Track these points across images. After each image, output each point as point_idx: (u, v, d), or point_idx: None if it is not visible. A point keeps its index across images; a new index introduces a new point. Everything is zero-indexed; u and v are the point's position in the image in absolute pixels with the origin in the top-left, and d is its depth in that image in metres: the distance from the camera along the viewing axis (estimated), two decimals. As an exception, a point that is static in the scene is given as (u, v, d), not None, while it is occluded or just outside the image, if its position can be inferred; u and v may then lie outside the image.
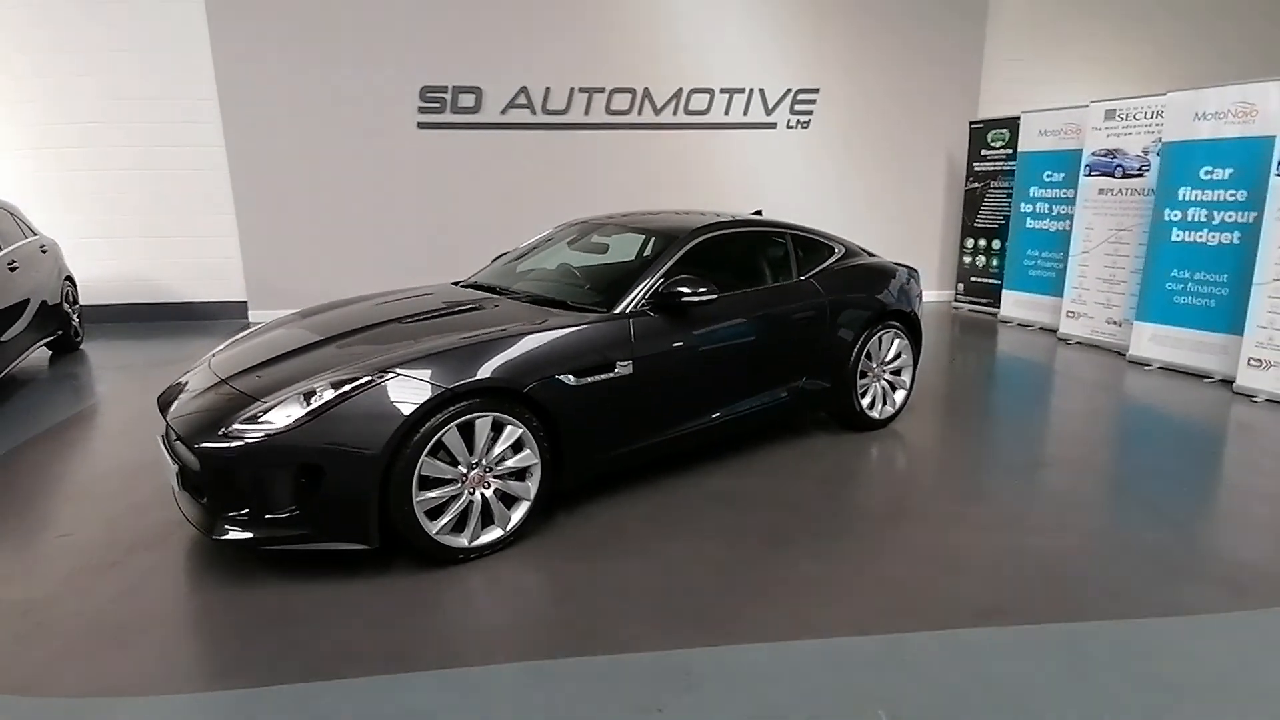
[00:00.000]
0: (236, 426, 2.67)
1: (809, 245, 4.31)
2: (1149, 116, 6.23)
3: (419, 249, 7.80)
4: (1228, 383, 5.40)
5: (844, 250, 4.46)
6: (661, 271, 3.50)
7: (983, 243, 8.33)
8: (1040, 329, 7.47)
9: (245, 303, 7.98)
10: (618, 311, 3.33)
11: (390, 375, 2.74)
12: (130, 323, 7.86)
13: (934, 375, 5.88)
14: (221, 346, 3.53)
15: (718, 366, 3.67)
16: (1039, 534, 3.22)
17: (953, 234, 8.82)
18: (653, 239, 3.91)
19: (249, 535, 2.70)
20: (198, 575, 2.88)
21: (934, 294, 9.07)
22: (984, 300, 8.31)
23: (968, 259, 8.51)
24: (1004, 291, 7.88)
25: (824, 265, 4.27)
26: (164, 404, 3.08)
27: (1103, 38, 8.92)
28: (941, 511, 3.52)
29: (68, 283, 6.55)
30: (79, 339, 6.76)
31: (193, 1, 7.17)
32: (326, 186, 7.73)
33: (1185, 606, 2.67)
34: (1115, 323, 6.61)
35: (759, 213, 4.81)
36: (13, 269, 5.31)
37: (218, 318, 7.95)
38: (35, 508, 3.54)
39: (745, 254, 4.12)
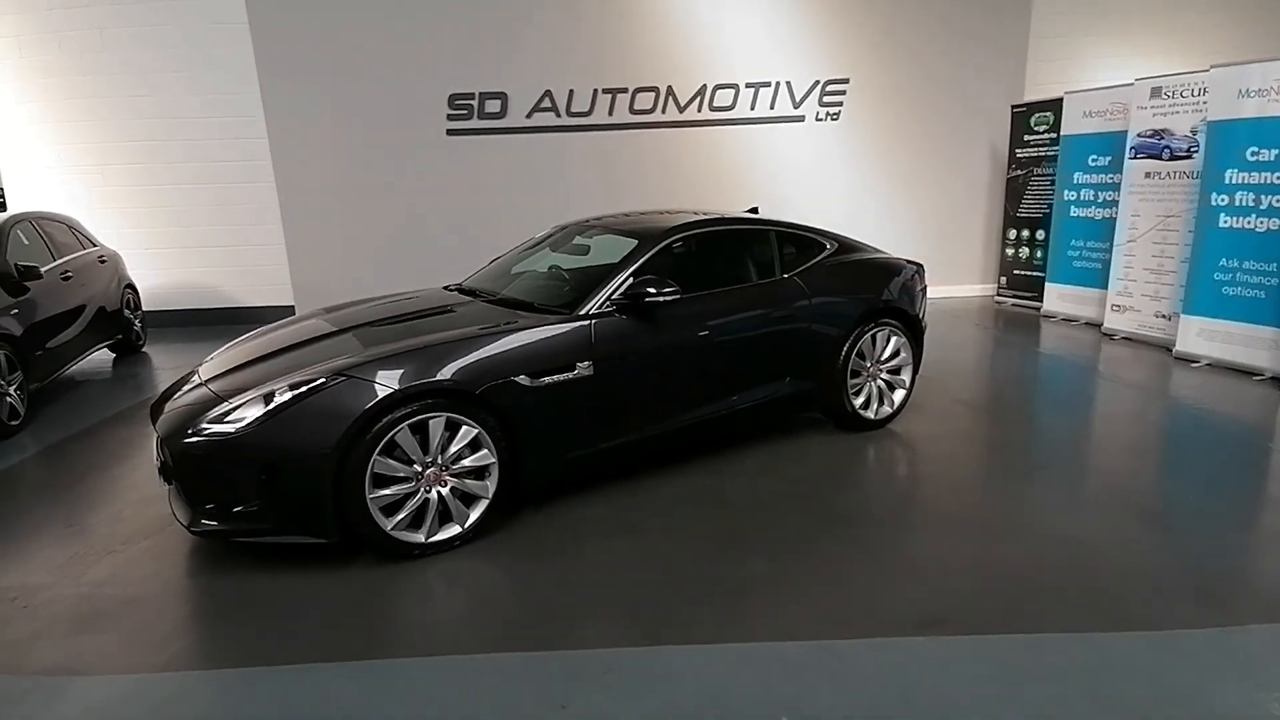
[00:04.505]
0: (205, 425, 2.85)
1: (797, 242, 4.23)
2: (1196, 93, 5.80)
3: (451, 251, 7.96)
4: (1278, 380, 4.99)
5: (837, 246, 4.34)
6: (627, 273, 3.50)
7: (1026, 233, 7.94)
8: (1085, 324, 7.06)
9: (293, 306, 8.39)
10: (579, 313, 3.36)
11: (343, 378, 2.87)
12: (191, 327, 8.40)
13: (957, 375, 5.64)
14: (218, 351, 3.75)
15: (688, 368, 3.65)
16: (1014, 541, 3.08)
17: (995, 225, 8.43)
18: (633, 240, 3.91)
19: (221, 527, 2.88)
20: (180, 564, 3.08)
21: (977, 288, 8.73)
22: (1027, 294, 7.92)
23: (1010, 251, 8.13)
24: (1047, 284, 7.49)
25: (812, 262, 4.18)
26: (158, 404, 3.30)
27: (1161, 7, 8.32)
28: (915, 516, 3.42)
29: (129, 290, 7.06)
30: (141, 342, 7.27)
31: (239, 25, 7.59)
32: (364, 195, 8.05)
33: (1150, 621, 2.51)
34: (1164, 316, 6.20)
35: (755, 210, 4.75)
36: (66, 279, 5.76)
37: (268, 321, 8.37)
38: (60, 498, 3.86)
39: (725, 253, 4.08)
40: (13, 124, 7.99)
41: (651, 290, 3.38)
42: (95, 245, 6.67)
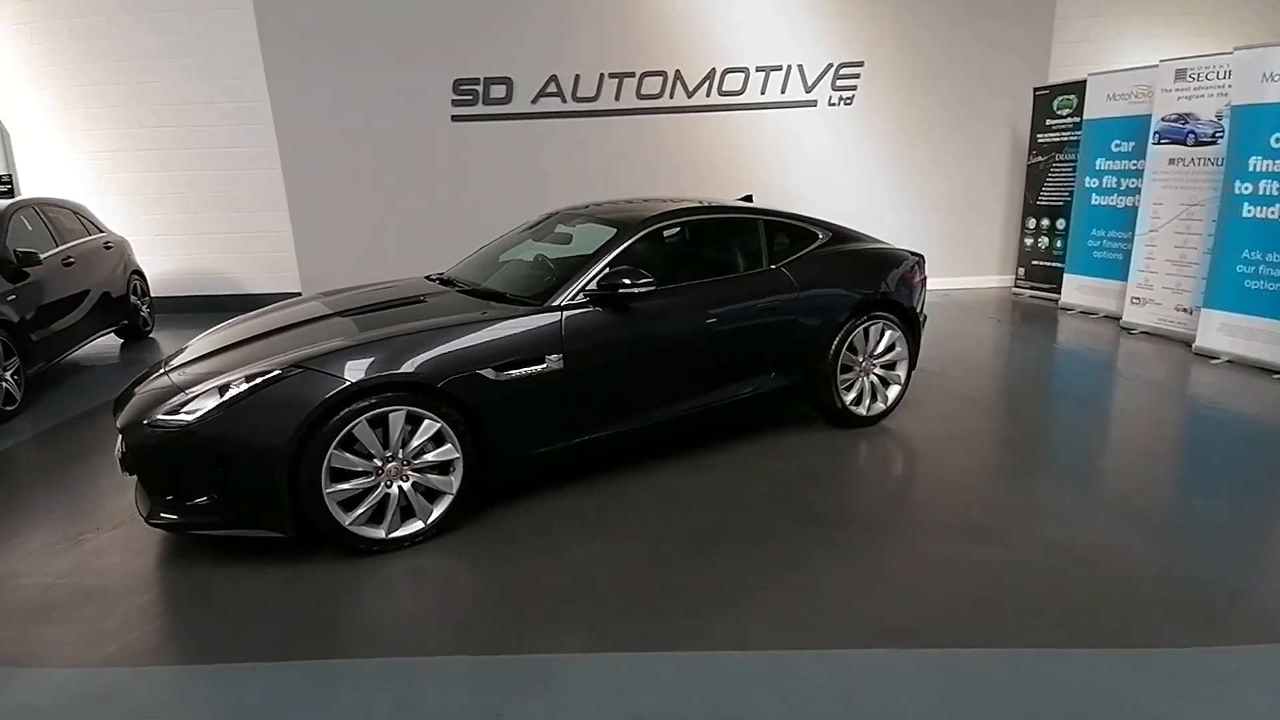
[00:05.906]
0: (160, 416, 2.81)
1: (788, 231, 4.08)
2: (1222, 76, 5.50)
3: (457, 238, 7.88)
4: (1302, 379, 4.74)
5: (830, 235, 4.19)
6: (602, 264, 3.40)
7: (1045, 222, 7.65)
8: (1104, 317, 6.79)
9: (299, 294, 8.41)
10: (550, 305, 3.27)
11: (299, 370, 2.81)
12: (201, 313, 8.46)
13: (964, 370, 5.43)
14: (192, 340, 3.71)
15: (664, 361, 3.54)
16: (998, 548, 2.93)
17: (1014, 213, 8.14)
18: (612, 229, 3.80)
19: (178, 521, 2.85)
20: (145, 555, 3.06)
21: (995, 279, 8.46)
22: (1046, 286, 7.63)
23: (1029, 240, 7.85)
24: (1065, 276, 7.22)
25: (802, 253, 4.03)
26: (124, 394, 3.27)
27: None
28: (897, 519, 3.28)
29: (135, 276, 7.11)
30: (148, 328, 7.34)
31: (245, 10, 7.57)
32: (370, 182, 8.02)
33: (1133, 638, 2.36)
34: (1185, 310, 5.93)
35: (749, 198, 4.61)
36: (68, 265, 5.82)
37: (276, 307, 8.43)
38: (45, 483, 3.90)
39: (709, 243, 3.96)
40: (27, 111, 8.10)
41: (626, 281, 3.27)
42: (102, 231, 6.72)
